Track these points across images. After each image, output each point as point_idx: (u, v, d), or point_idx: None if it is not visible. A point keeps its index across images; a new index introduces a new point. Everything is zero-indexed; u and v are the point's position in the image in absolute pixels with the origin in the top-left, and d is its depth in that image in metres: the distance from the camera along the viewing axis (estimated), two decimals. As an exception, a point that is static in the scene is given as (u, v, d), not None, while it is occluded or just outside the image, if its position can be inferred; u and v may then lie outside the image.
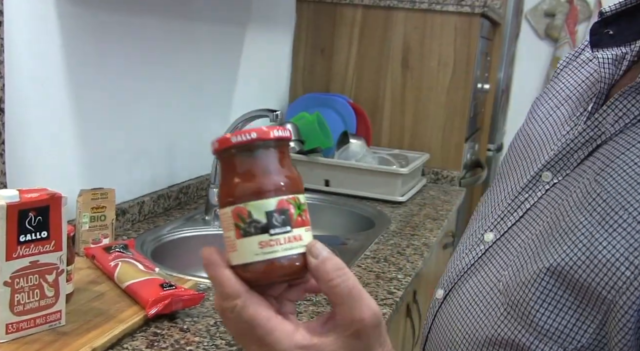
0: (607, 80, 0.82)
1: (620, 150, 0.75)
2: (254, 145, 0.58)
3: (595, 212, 0.73)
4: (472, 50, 2.45)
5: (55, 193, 0.96)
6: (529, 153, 0.91)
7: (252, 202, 0.57)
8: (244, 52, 2.15)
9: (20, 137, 1.25)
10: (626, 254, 0.68)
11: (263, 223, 0.57)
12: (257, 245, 0.57)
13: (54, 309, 0.98)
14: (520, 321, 0.77)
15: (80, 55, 1.39)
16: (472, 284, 0.87)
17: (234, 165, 0.59)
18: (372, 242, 1.65)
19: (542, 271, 0.75)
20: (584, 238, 0.72)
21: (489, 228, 0.89)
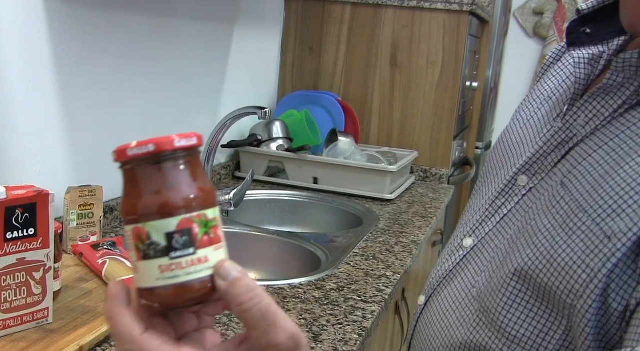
0: (583, 80, 0.81)
1: (589, 152, 0.74)
2: (152, 158, 0.52)
3: (558, 215, 0.72)
4: (461, 48, 2.46)
5: (43, 191, 0.95)
6: (509, 156, 0.91)
7: (151, 223, 0.51)
8: (232, 49, 2.15)
9: (7, 134, 1.24)
10: (583, 257, 0.67)
11: (162, 245, 0.51)
12: (157, 269, 0.51)
13: (41, 307, 0.98)
14: (491, 328, 0.77)
15: (68, 52, 1.38)
16: (450, 290, 0.88)
17: (132, 179, 0.53)
18: (361, 240, 1.65)
19: (509, 276, 0.75)
20: (546, 242, 0.72)
21: (468, 233, 0.89)
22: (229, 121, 1.67)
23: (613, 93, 0.75)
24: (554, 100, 0.89)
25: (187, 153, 0.53)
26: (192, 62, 1.91)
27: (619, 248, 0.65)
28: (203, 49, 1.96)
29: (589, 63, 0.81)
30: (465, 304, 0.83)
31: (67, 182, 1.39)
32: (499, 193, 0.86)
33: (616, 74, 0.75)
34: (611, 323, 0.65)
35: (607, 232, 0.66)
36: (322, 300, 1.24)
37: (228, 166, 2.21)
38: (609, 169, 0.70)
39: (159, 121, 1.77)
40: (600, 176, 0.70)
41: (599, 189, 0.69)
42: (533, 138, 0.88)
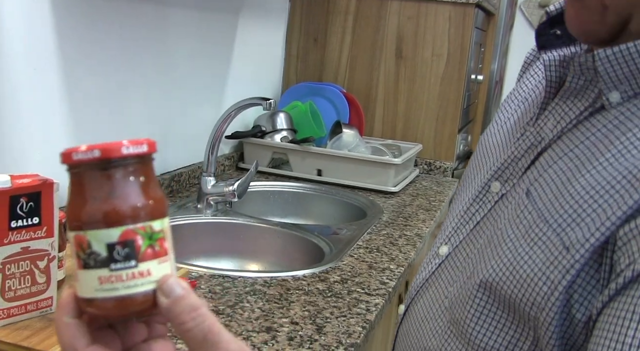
0: (554, 83, 0.79)
1: (554, 159, 0.73)
2: (99, 164, 0.49)
3: (522, 225, 0.71)
4: (466, 41, 2.45)
5: (47, 179, 0.95)
6: (485, 161, 0.89)
7: (92, 231, 0.49)
8: (237, 39, 2.14)
9: (12, 123, 1.24)
10: (543, 269, 0.66)
11: (103, 256, 0.49)
12: (97, 280, 0.49)
13: (45, 295, 0.97)
14: (461, 340, 0.76)
15: (72, 41, 1.38)
16: (425, 300, 0.87)
17: (78, 184, 0.50)
18: (365, 232, 1.65)
19: (475, 288, 0.74)
20: (509, 253, 0.70)
21: (444, 241, 0.88)
22: (234, 112, 1.67)
23: (580, 96, 0.73)
24: (529, 103, 0.87)
25: (137, 160, 0.51)
26: (196, 52, 1.90)
27: (577, 259, 0.63)
28: (208, 39, 1.96)
29: (560, 65, 0.78)
30: (438, 315, 0.82)
31: (71, 171, 1.39)
32: (474, 199, 0.85)
33: (577, 77, 0.73)
34: (577, 333, 0.65)
35: (566, 243, 0.65)
36: (325, 292, 1.24)
37: (232, 157, 2.20)
38: (570, 176, 0.69)
39: (163, 111, 1.77)
40: (562, 184, 0.69)
41: (559, 198, 0.68)
42: (507, 142, 0.86)
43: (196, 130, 1.93)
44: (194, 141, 1.92)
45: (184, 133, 1.88)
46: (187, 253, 1.59)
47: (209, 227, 1.67)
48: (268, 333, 1.04)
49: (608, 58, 0.68)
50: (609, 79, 0.69)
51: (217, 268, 1.31)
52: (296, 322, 1.09)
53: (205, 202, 1.68)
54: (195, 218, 1.66)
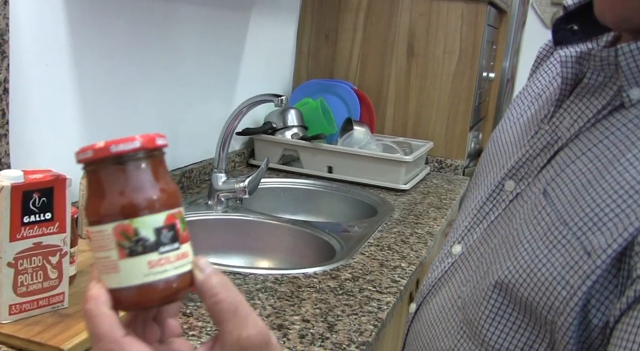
0: (570, 80, 0.77)
1: (572, 158, 0.71)
2: (137, 155, 0.52)
3: (539, 227, 0.69)
4: (478, 39, 2.43)
5: (60, 175, 0.95)
6: (498, 158, 0.87)
7: (140, 218, 0.51)
8: (248, 36, 2.14)
9: (24, 118, 1.24)
10: (563, 273, 0.65)
11: (152, 240, 0.51)
12: (147, 264, 0.51)
13: (57, 291, 0.97)
14: (474, 341, 0.74)
15: (84, 36, 1.38)
16: (438, 299, 0.85)
17: (112, 177, 0.52)
18: (376, 230, 1.64)
19: (490, 289, 0.72)
20: (526, 255, 0.69)
21: (457, 240, 0.86)
22: (245, 108, 1.66)
23: (597, 94, 0.72)
24: (543, 100, 0.86)
25: (163, 151, 0.54)
26: (207, 49, 1.90)
27: (598, 265, 0.62)
28: (219, 36, 1.96)
29: (577, 61, 0.76)
30: (451, 315, 0.81)
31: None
32: (487, 198, 0.83)
33: (596, 73, 0.71)
34: (592, 338, 0.63)
35: (587, 248, 0.63)
36: (337, 290, 1.24)
37: (242, 153, 2.20)
38: (591, 178, 0.67)
39: (174, 107, 1.77)
40: (582, 185, 0.67)
41: (580, 200, 0.66)
42: (521, 140, 0.84)
43: (207, 126, 1.93)
44: (205, 137, 1.92)
45: (195, 129, 1.88)
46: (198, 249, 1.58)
47: (219, 223, 1.66)
48: (279, 331, 1.04)
49: (632, 52, 0.67)
50: (631, 74, 0.67)
51: (227, 265, 1.31)
52: (307, 320, 1.09)
53: (216, 198, 1.68)
54: (205, 214, 1.66)
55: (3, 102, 1.15)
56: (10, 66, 1.15)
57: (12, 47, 1.16)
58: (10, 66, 1.15)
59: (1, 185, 0.88)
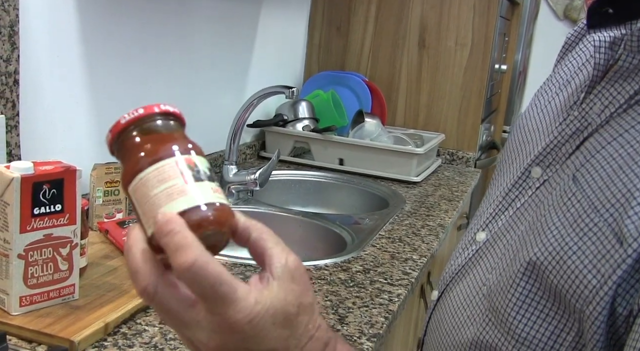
0: (602, 66, 0.74)
1: (602, 144, 0.69)
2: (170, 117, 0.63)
3: (569, 213, 0.68)
4: (490, 30, 2.42)
5: (70, 166, 0.95)
6: (524, 145, 0.85)
7: (197, 156, 0.60)
8: (259, 28, 2.13)
9: (34, 110, 1.24)
10: (594, 261, 0.63)
11: (208, 174, 0.59)
12: (210, 189, 0.58)
13: (68, 283, 0.97)
14: (500, 329, 0.73)
15: (95, 28, 1.37)
16: (462, 287, 0.84)
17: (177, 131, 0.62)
18: (387, 222, 1.64)
19: (518, 276, 0.71)
20: (555, 241, 0.68)
21: (481, 227, 0.85)
22: (256, 100, 1.66)
23: (631, 78, 0.70)
24: (573, 87, 0.84)
25: None
26: (219, 40, 1.89)
27: (629, 254, 0.60)
28: (230, 27, 1.95)
29: (610, 47, 0.74)
30: (476, 302, 0.80)
31: (93, 158, 1.39)
32: (513, 185, 0.82)
33: (631, 56, 0.69)
34: (617, 326, 0.62)
35: (619, 235, 0.62)
36: (347, 282, 1.23)
37: (253, 146, 2.20)
38: (622, 163, 0.65)
39: (185, 99, 1.76)
40: (614, 171, 0.66)
41: (611, 186, 0.65)
42: (549, 126, 0.82)
43: (218, 118, 1.92)
44: (216, 129, 1.91)
45: (206, 121, 1.88)
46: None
47: (230, 215, 1.66)
48: (290, 323, 1.03)
49: None
50: None
51: (239, 257, 1.31)
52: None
53: (227, 190, 1.67)
54: (216, 206, 1.65)
55: (13, 94, 1.15)
56: (20, 58, 1.15)
57: (23, 38, 1.16)
58: (20, 58, 1.15)
59: (11, 177, 0.88)
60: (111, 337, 0.93)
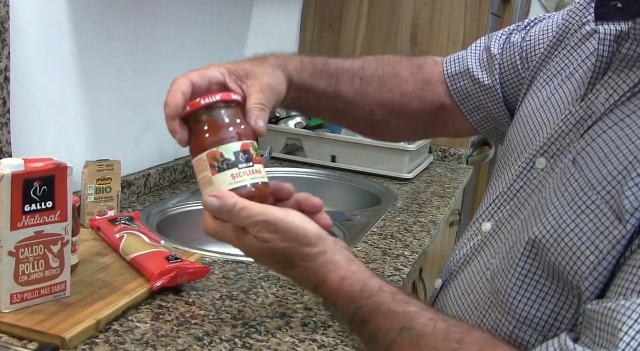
0: (605, 58, 0.75)
1: (603, 129, 0.70)
2: (218, 105, 0.77)
3: (567, 193, 0.69)
4: (482, 27, 2.42)
5: (61, 163, 0.94)
6: (528, 138, 0.86)
7: (222, 146, 0.76)
8: (251, 24, 2.13)
9: (25, 107, 1.23)
10: (592, 238, 0.64)
11: (232, 160, 0.75)
12: (230, 177, 0.75)
13: (59, 280, 0.97)
14: (501, 310, 0.74)
15: (87, 25, 1.37)
16: (466, 274, 0.85)
17: (206, 121, 0.77)
18: (379, 219, 1.64)
19: (518, 256, 0.72)
20: (553, 219, 0.69)
21: (486, 217, 0.86)
22: (248, 97, 1.66)
23: (636, 67, 0.70)
24: (576, 79, 0.84)
25: (238, 103, 0.80)
26: (211, 37, 1.89)
27: (628, 229, 0.61)
28: (223, 24, 1.95)
29: (615, 40, 0.75)
30: (480, 287, 0.81)
31: (84, 155, 1.39)
32: (517, 176, 0.83)
33: (635, 44, 0.70)
34: None
35: (617, 212, 0.63)
36: (339, 278, 1.23)
37: (245, 143, 2.19)
38: (620, 144, 0.66)
39: (177, 96, 1.76)
40: (611, 151, 0.67)
41: (607, 164, 0.66)
42: (552, 119, 0.83)
43: (210, 115, 1.92)
44: (208, 126, 1.91)
45: (198, 118, 1.88)
46: (200, 238, 1.58)
47: (222, 212, 1.66)
48: (282, 319, 1.04)
49: None
50: None
51: (230, 254, 1.31)
52: (310, 308, 1.09)
53: (219, 187, 1.67)
54: (208, 203, 1.65)
55: (4, 91, 1.14)
56: (10, 54, 1.15)
57: (13, 35, 1.15)
58: (10, 54, 1.15)
59: (2, 174, 0.88)
60: (102, 334, 0.93)
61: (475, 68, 1.05)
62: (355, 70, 1.04)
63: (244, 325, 1.00)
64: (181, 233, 1.50)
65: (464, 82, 1.06)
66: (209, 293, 1.10)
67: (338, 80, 1.02)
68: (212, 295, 1.09)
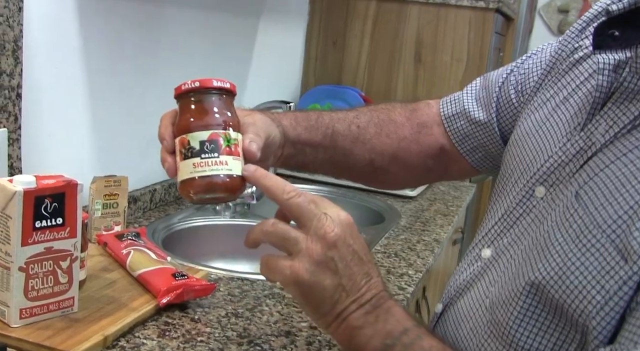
0: (605, 88, 0.76)
1: (606, 163, 0.70)
2: (197, 92, 0.79)
3: (571, 229, 0.69)
4: (486, 46, 2.44)
5: (71, 180, 0.96)
6: (525, 163, 0.86)
7: (191, 133, 0.76)
8: (257, 42, 2.14)
9: (35, 123, 1.25)
10: (598, 277, 0.64)
11: (196, 149, 0.76)
12: (192, 165, 0.76)
13: (67, 295, 0.98)
14: (501, 341, 0.74)
15: (95, 42, 1.39)
16: (466, 300, 0.85)
17: (183, 107, 0.80)
18: (383, 237, 1.65)
19: (519, 290, 0.72)
20: (558, 257, 0.69)
21: (486, 243, 0.86)
22: (254, 114, 1.67)
23: (636, 100, 0.71)
24: (571, 104, 0.84)
25: (221, 91, 0.80)
26: (217, 54, 1.91)
27: (635, 270, 0.62)
28: (229, 41, 1.96)
29: (614, 70, 0.75)
30: (478, 315, 0.81)
31: (91, 171, 1.40)
32: (517, 204, 0.83)
33: (636, 77, 0.71)
34: None
35: (624, 252, 0.63)
36: (344, 296, 1.24)
37: (250, 159, 2.20)
38: (625, 182, 0.66)
39: (183, 112, 1.77)
40: (616, 188, 0.67)
41: (613, 203, 0.66)
42: (549, 145, 0.83)
43: (215, 131, 1.93)
44: (213, 143, 1.93)
45: (203, 134, 1.89)
46: (205, 254, 1.60)
47: (227, 229, 1.67)
48: (287, 338, 1.05)
49: None
50: None
51: (235, 271, 1.32)
52: (315, 327, 1.09)
53: (224, 204, 1.68)
54: (213, 219, 1.66)
55: (16, 107, 1.16)
56: (23, 72, 1.16)
57: (25, 52, 1.17)
58: (23, 72, 1.16)
59: (14, 190, 0.89)
60: (110, 350, 0.94)
61: (471, 108, 1.06)
62: (350, 119, 1.04)
63: (249, 343, 1.01)
64: (186, 249, 1.51)
65: (460, 122, 1.07)
66: (214, 310, 1.11)
67: (334, 130, 1.02)
68: (218, 313, 1.10)
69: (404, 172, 1.10)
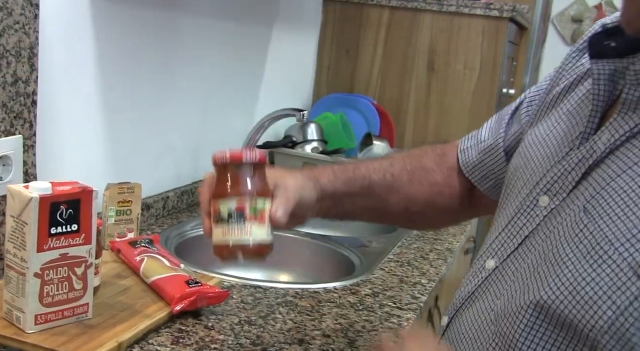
0: (602, 97, 0.76)
1: (612, 176, 0.70)
2: (230, 164, 0.84)
3: (582, 245, 0.69)
4: (499, 55, 2.44)
5: (87, 187, 0.96)
6: (529, 174, 0.86)
7: (220, 200, 0.83)
8: (270, 50, 2.15)
9: (50, 130, 1.25)
10: (609, 293, 0.64)
11: (225, 216, 0.82)
12: (221, 232, 0.82)
13: (82, 302, 0.98)
14: None
15: (110, 50, 1.39)
16: (470, 313, 0.85)
17: (217, 174, 0.86)
18: (395, 245, 1.64)
19: (529, 306, 0.72)
20: (569, 273, 0.69)
21: (490, 254, 0.86)
22: (267, 122, 1.68)
23: (639, 110, 0.71)
24: (574, 116, 0.85)
25: (252, 165, 0.85)
26: (230, 62, 1.91)
27: None
28: (242, 50, 1.97)
29: (610, 79, 0.76)
30: (484, 328, 0.81)
31: (105, 177, 1.40)
32: (520, 213, 0.83)
33: (633, 88, 0.71)
34: None
35: (635, 268, 0.63)
36: (357, 305, 1.24)
37: (262, 167, 2.20)
38: (635, 197, 0.67)
39: (197, 120, 1.78)
40: (626, 205, 0.67)
41: (623, 218, 0.66)
42: (551, 155, 0.84)
43: (229, 139, 1.94)
44: (226, 150, 1.93)
45: (217, 142, 1.89)
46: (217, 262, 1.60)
47: (239, 236, 1.67)
48: (300, 346, 1.04)
49: None
50: None
51: (248, 279, 1.32)
52: (328, 335, 1.09)
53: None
54: (226, 227, 1.66)
55: (31, 114, 1.16)
56: (38, 79, 1.17)
57: (41, 60, 1.18)
58: (38, 79, 1.17)
59: (30, 197, 0.90)
60: (124, 357, 0.94)
61: (483, 138, 1.07)
62: (385, 168, 1.07)
63: (263, 351, 1.01)
64: (199, 257, 1.51)
65: (471, 152, 1.08)
66: (227, 317, 1.11)
67: (371, 181, 1.05)
68: (231, 320, 1.10)
69: (441, 215, 1.12)
